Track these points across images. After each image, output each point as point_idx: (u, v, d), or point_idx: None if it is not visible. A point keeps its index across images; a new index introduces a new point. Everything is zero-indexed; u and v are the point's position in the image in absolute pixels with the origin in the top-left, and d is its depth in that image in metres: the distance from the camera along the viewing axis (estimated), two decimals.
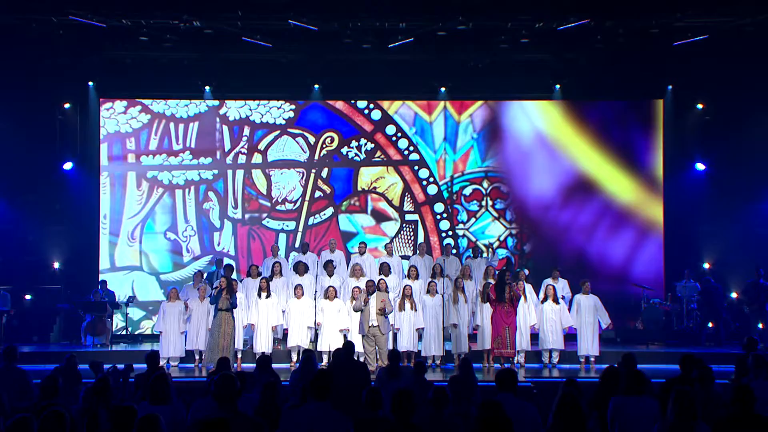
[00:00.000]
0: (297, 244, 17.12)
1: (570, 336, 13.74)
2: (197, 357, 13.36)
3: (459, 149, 17.39)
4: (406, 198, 17.50)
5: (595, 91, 16.76)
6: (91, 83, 16.37)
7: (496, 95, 16.90)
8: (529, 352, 13.30)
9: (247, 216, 17.35)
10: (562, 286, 14.11)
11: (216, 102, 16.83)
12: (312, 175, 17.50)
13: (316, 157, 17.53)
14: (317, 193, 17.51)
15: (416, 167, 17.70)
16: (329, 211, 17.48)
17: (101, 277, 16.05)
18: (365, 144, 17.51)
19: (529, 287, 13.67)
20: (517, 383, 6.20)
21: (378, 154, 17.59)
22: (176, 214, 17.19)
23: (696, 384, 6.90)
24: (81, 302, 15.08)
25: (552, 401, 5.59)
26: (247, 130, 17.40)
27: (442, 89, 16.60)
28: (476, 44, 15.64)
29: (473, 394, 7.63)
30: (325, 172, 17.56)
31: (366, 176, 17.50)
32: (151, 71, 16.08)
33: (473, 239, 17.01)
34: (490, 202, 17.43)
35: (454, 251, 16.28)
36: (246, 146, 17.50)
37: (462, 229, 17.36)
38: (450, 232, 17.54)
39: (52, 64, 15.69)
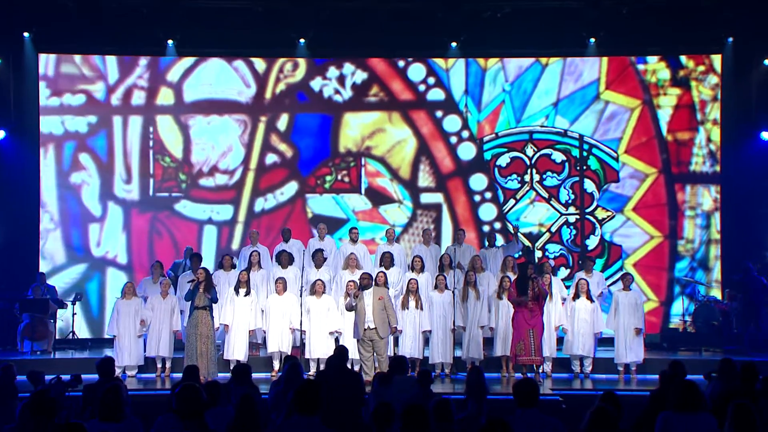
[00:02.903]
0: (236, 244, 14.86)
1: (603, 340, 13.75)
2: (159, 365, 13.37)
3: (485, 106, 16.22)
4: (422, 165, 15.75)
5: (637, 45, 16.62)
6: (26, 34, 16.14)
7: (518, 52, 16.66)
8: (556, 359, 13.35)
9: (149, 196, 15.45)
10: (597, 281, 14.11)
11: (186, 60, 16.29)
12: (261, 126, 15.46)
13: (268, 95, 15.56)
14: (270, 158, 15.55)
15: (439, 113, 15.59)
16: (291, 187, 15.63)
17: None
18: (352, 73, 15.71)
19: (557, 282, 13.69)
20: (539, 396, 6.22)
21: (374, 90, 15.67)
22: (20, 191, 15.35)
23: (761, 399, 6.91)
24: (17, 300, 15.05)
25: (583, 418, 5.60)
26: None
27: (453, 44, 16.47)
28: None
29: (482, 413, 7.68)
30: (283, 122, 15.50)
31: (354, 128, 15.67)
32: (100, 21, 15.92)
33: (511, 229, 15.49)
34: (536, 177, 16.06)
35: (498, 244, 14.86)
36: (146, 76, 15.58)
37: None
38: (498, 224, 15.80)
39: None
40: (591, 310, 13.21)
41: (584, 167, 16.29)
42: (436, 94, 16.01)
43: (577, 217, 16.28)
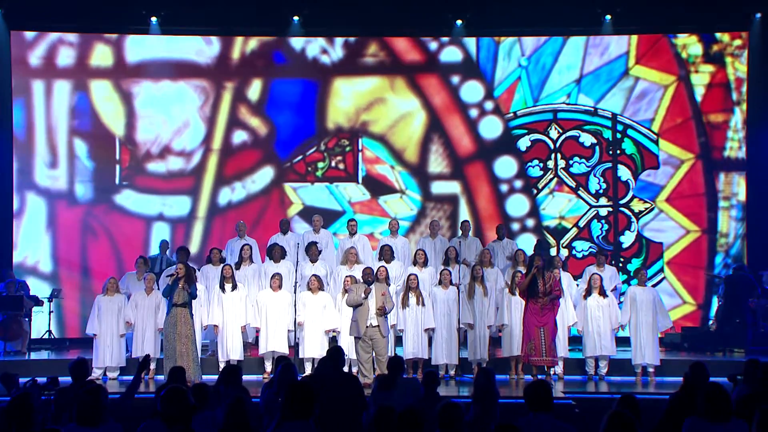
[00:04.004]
0: (194, 246, 13.55)
1: (622, 339, 13.72)
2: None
3: (499, 83, 15.50)
4: (433, 146, 14.82)
5: (656, 23, 16.37)
6: None
7: (527, 30, 16.38)
8: (568, 359, 13.38)
9: (79, 185, 14.13)
10: (610, 275, 14.10)
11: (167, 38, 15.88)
12: (226, 95, 14.24)
13: (236, 55, 14.43)
14: (239, 136, 14.36)
15: (455, 78, 14.64)
16: (266, 173, 14.52)
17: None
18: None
19: (567, 277, 13.69)
20: (552, 399, 6.22)
21: (372, 49, 14.78)
22: None
23: None
24: None
25: (599, 423, 5.60)
26: None
27: (458, 22, 16.32)
28: None
29: (493, 418, 7.68)
30: (255, 90, 14.32)
31: (346, 98, 14.66)
32: None
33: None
34: (561, 162, 15.17)
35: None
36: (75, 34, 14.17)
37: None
38: (531, 220, 14.87)
39: None
40: (605, 306, 13.20)
41: (618, 151, 15.62)
42: (452, 55, 14.90)
43: (610, 209, 15.60)
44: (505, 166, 14.94)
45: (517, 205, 15.21)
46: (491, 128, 14.84)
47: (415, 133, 15.06)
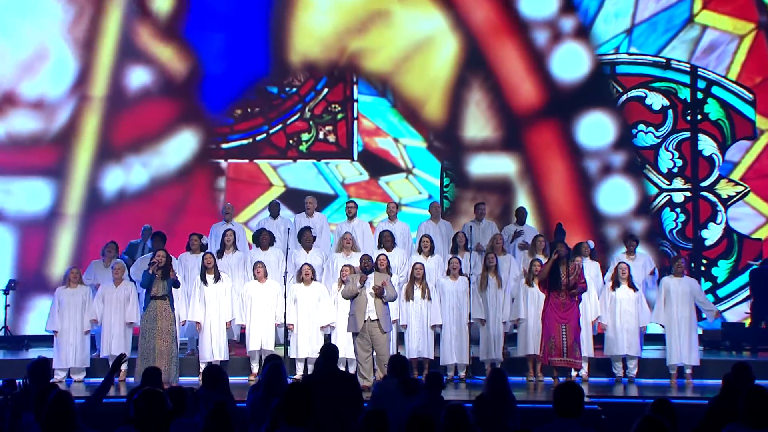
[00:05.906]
0: (59, 265, 11.39)
1: (651, 337, 13.68)
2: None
3: None
4: (473, 95, 12.51)
5: None
6: None
7: None
8: (593, 360, 13.41)
9: None
10: (642, 263, 14.07)
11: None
12: (113, 5, 10.69)
13: None
14: (138, 77, 10.87)
15: None
16: (184, 141, 11.60)
17: None
18: None
19: (594, 267, 13.75)
20: (583, 405, 6.25)
21: None
22: None
23: None
24: None
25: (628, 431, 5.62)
26: None
27: None
28: None
29: (509, 419, 7.70)
30: None
31: (322, 14, 11.66)
32: None
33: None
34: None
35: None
36: None
37: None
38: (639, 223, 13.26)
39: None
40: (635, 301, 13.22)
41: (699, 116, 14.14)
42: None
43: (688, 194, 14.38)
44: (596, 129, 12.72)
45: (615, 197, 13.58)
46: (572, 64, 12.37)
47: (441, 73, 12.62)
